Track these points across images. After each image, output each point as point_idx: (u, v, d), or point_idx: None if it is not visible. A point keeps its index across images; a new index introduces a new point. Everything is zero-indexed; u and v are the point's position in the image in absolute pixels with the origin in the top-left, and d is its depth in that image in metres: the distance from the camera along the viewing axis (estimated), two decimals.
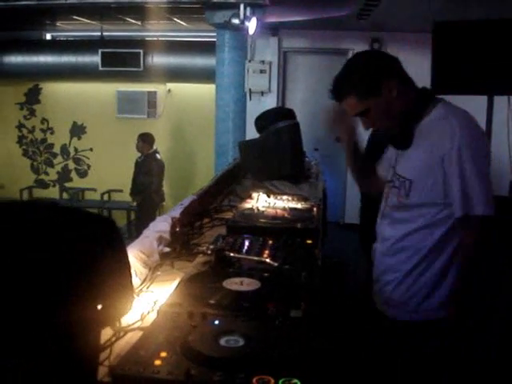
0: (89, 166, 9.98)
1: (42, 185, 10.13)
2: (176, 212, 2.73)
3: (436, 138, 1.96)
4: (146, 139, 7.86)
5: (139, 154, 7.98)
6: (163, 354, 1.27)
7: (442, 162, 1.93)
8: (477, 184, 1.90)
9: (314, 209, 2.93)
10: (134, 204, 8.24)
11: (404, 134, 2.07)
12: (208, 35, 8.27)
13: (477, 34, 3.66)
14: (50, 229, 1.00)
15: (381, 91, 2.01)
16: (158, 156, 7.95)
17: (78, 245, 1.02)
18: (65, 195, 10.05)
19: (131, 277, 1.17)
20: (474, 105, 3.33)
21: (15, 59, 8.79)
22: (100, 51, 8.47)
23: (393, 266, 2.13)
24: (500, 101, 4.11)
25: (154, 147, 7.92)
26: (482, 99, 4.01)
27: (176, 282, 1.82)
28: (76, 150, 9.95)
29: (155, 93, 9.40)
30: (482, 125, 3.84)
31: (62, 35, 10.11)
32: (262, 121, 4.33)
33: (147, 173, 7.84)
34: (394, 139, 2.15)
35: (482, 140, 2.01)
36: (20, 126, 10.02)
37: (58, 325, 0.98)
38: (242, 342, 1.34)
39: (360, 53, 2.21)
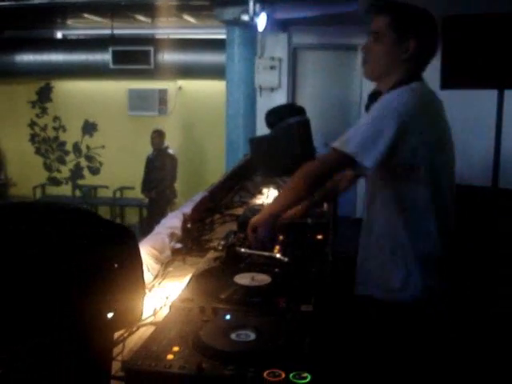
0: (101, 164, 10.01)
1: (55, 182, 10.18)
2: (187, 208, 2.75)
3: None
4: (162, 134, 7.94)
5: (150, 151, 8.03)
6: (175, 349, 1.28)
7: None
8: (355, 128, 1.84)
9: (325, 204, 2.94)
10: (146, 201, 8.29)
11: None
12: (218, 32, 8.27)
13: (486, 27, 3.64)
14: (63, 230, 1.02)
15: (402, 42, 1.89)
16: (170, 151, 8.02)
17: (92, 247, 1.04)
18: (77, 192, 10.10)
19: (143, 279, 1.18)
20: (484, 99, 3.32)
21: (27, 58, 8.82)
22: (111, 49, 8.49)
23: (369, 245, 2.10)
24: (510, 94, 4.09)
25: (166, 143, 8.00)
26: (493, 93, 3.99)
27: (188, 278, 1.84)
28: (88, 147, 9.99)
29: (166, 90, 9.41)
30: (493, 118, 3.83)
31: (72, 34, 10.13)
32: (273, 116, 4.34)
33: (161, 168, 7.90)
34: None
35: (397, 101, 1.82)
36: (32, 125, 10.07)
37: (71, 324, 1.00)
38: (253, 337, 1.35)
39: (426, 10, 1.97)
